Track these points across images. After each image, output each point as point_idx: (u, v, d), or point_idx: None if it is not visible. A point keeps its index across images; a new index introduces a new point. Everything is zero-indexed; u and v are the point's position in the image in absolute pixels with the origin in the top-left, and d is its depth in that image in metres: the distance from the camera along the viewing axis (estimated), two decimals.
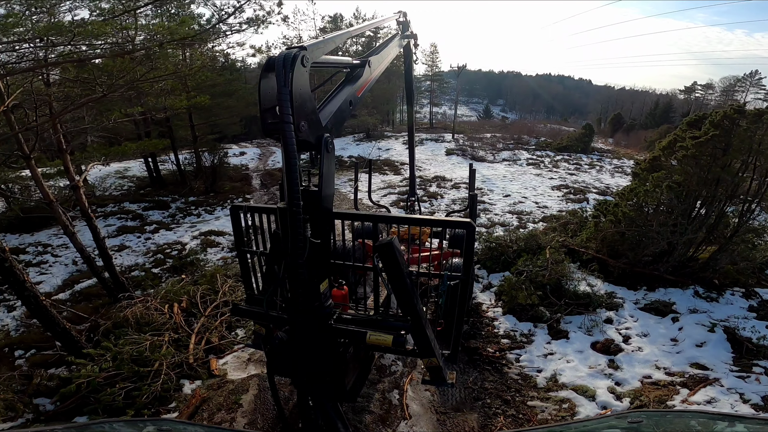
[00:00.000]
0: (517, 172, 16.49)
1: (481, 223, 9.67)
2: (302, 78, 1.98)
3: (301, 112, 1.99)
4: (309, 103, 2.09)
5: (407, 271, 2.28)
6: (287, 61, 1.90)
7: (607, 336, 5.38)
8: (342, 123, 2.70)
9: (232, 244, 9.48)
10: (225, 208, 12.75)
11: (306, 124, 2.05)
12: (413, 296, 2.31)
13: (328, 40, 2.38)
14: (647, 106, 68.23)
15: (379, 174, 17.67)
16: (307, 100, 2.05)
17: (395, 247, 2.15)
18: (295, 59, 1.92)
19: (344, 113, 2.62)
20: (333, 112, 2.47)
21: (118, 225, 11.90)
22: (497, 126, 41.29)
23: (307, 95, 2.06)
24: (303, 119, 2.02)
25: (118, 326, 5.54)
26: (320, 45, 2.26)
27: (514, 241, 7.20)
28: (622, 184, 14.90)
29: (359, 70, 2.85)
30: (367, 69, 2.90)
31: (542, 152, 21.53)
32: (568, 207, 11.00)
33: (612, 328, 5.53)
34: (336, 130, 2.52)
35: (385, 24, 4.77)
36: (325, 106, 2.53)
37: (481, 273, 7.18)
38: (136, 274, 8.63)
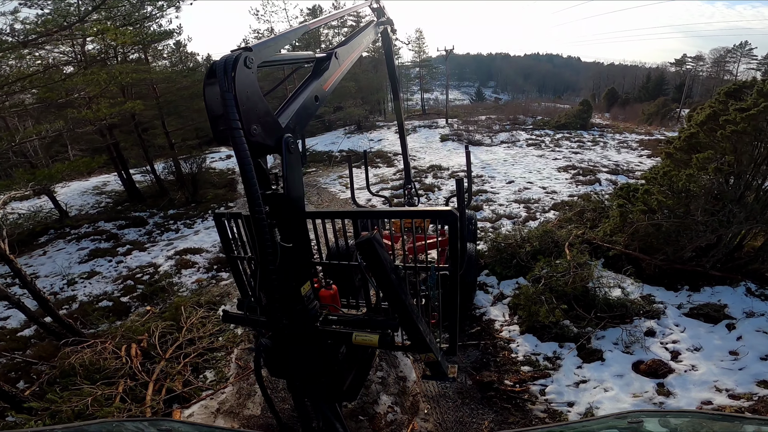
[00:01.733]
0: (518, 154, 15.31)
1: (485, 216, 8.65)
2: (247, 80, 1.89)
3: (251, 115, 1.92)
4: (260, 105, 1.99)
5: (392, 267, 2.21)
6: (228, 64, 1.82)
7: (652, 353, 4.43)
8: (308, 120, 2.51)
9: (208, 263, 8.54)
10: (206, 220, 11.76)
11: (259, 127, 1.97)
12: (400, 291, 2.23)
13: (279, 38, 2.30)
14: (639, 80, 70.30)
15: (371, 167, 16.63)
16: (256, 102, 1.96)
17: (375, 243, 2.07)
18: (236, 62, 1.83)
19: (309, 110, 2.46)
20: (296, 110, 2.32)
21: (91, 248, 11.03)
22: (491, 108, 40.04)
23: (256, 97, 1.95)
24: (255, 123, 1.94)
25: (65, 374, 4.82)
26: (269, 44, 2.16)
27: (525, 240, 6.22)
28: (631, 160, 13.86)
29: (326, 63, 2.67)
30: (334, 61, 2.72)
31: (541, 131, 20.42)
32: (579, 190, 9.93)
33: (656, 343, 4.57)
34: (301, 128, 2.38)
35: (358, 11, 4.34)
36: (288, 105, 2.38)
37: (490, 280, 6.20)
38: (104, 304, 7.78)
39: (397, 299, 2.26)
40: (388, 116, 37.06)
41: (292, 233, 2.20)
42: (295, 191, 2.21)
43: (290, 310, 2.32)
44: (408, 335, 2.50)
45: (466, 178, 5.55)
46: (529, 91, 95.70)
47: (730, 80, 56.56)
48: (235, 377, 4.91)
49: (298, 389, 2.58)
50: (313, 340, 2.44)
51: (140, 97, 14.75)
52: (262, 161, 2.23)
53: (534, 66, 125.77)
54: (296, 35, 2.75)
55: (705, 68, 60.35)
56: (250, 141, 1.91)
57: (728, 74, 58.20)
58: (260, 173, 2.17)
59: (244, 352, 5.41)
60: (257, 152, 2.09)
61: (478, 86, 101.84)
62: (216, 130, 2.04)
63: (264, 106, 2.03)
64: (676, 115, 32.81)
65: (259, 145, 2.00)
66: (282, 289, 2.21)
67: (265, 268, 2.06)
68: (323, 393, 2.55)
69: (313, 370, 2.48)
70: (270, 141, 2.06)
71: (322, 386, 2.52)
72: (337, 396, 2.62)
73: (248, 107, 1.90)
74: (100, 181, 19.80)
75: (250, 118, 1.91)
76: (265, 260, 2.03)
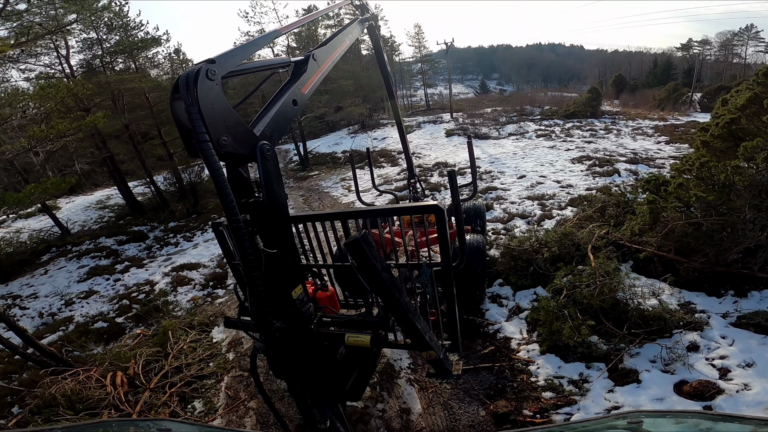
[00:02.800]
0: (527, 146, 14.59)
1: (496, 216, 8.04)
2: (211, 93, 1.88)
3: (219, 126, 1.91)
4: (229, 116, 1.97)
5: (383, 265, 2.19)
6: (190, 79, 1.82)
7: (697, 372, 3.83)
8: (286, 125, 2.51)
9: (204, 280, 8.12)
10: (205, 232, 11.37)
11: (229, 138, 1.96)
12: (393, 290, 2.21)
13: (246, 46, 2.29)
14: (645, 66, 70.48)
15: (375, 167, 16.10)
16: (224, 113, 1.94)
17: (364, 243, 2.05)
18: (197, 75, 1.83)
19: (287, 114, 2.46)
20: (272, 116, 2.33)
21: (91, 265, 10.79)
22: (496, 100, 39.25)
23: (223, 108, 1.94)
24: (224, 134, 1.94)
25: (48, 405, 4.60)
26: (235, 53, 2.12)
27: (543, 244, 5.64)
28: (649, 147, 13.12)
29: (304, 66, 2.64)
30: (312, 63, 2.70)
31: (550, 121, 19.69)
32: (597, 183, 9.25)
33: (700, 359, 3.97)
34: (280, 134, 2.38)
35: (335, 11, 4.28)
36: (266, 112, 2.38)
37: (505, 291, 5.65)
38: (99, 325, 7.44)
39: (391, 298, 2.22)
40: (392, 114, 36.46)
41: (275, 239, 2.19)
42: (274, 197, 2.18)
43: (282, 313, 2.33)
44: (406, 334, 2.48)
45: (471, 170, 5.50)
46: (534, 82, 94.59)
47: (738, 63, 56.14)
48: (224, 408, 4.48)
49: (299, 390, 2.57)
50: (309, 341, 2.44)
51: (135, 108, 14.48)
52: (243, 170, 2.22)
53: (537, 56, 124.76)
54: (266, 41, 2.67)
55: (712, 52, 60.34)
56: (221, 152, 1.92)
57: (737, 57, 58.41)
58: (241, 182, 2.19)
59: (235, 380, 4.95)
60: (233, 162, 2.13)
61: (482, 79, 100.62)
62: (187, 144, 2.05)
63: (233, 117, 1.99)
64: (688, 99, 31.79)
65: (232, 155, 2.01)
66: (270, 293, 2.20)
67: (249, 274, 2.04)
68: (325, 393, 2.53)
69: (312, 371, 2.47)
70: (244, 150, 2.04)
71: (323, 386, 2.51)
72: (340, 396, 2.62)
73: (215, 119, 1.88)
74: (104, 195, 19.62)
75: (219, 129, 1.90)
76: (248, 267, 2.02)
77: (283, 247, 2.25)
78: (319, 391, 2.53)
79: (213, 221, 3.14)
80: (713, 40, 60.60)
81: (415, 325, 2.34)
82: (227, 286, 7.80)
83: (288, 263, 2.32)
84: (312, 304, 2.60)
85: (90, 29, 12.84)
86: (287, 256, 2.30)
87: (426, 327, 2.48)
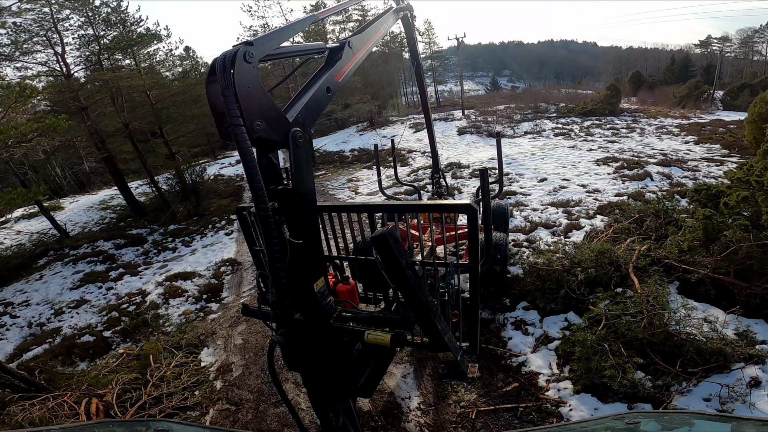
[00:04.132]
0: (546, 146, 13.74)
1: (517, 226, 7.31)
2: (248, 76, 1.83)
3: (253, 111, 1.86)
4: (263, 101, 1.92)
5: (408, 263, 2.12)
6: (227, 60, 1.78)
7: (759, 410, 3.20)
8: (319, 112, 2.39)
9: (198, 291, 7.56)
10: (205, 236, 10.82)
11: (263, 123, 1.91)
12: (416, 288, 2.14)
13: (283, 30, 2.19)
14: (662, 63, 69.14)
15: (383, 167, 15.44)
16: (259, 97, 1.89)
17: (391, 238, 1.99)
18: (235, 57, 1.78)
19: (321, 102, 2.37)
20: (305, 103, 2.24)
21: (87, 270, 10.31)
22: (508, 97, 38.22)
23: (259, 92, 1.89)
24: (258, 118, 1.89)
25: None
26: (271, 37, 2.05)
27: (576, 262, 4.93)
28: (677, 148, 12.24)
29: (339, 53, 2.56)
30: (348, 51, 2.62)
31: (567, 119, 18.81)
32: (628, 188, 8.45)
33: (763, 396, 3.30)
34: (312, 121, 2.30)
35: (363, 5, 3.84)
36: (298, 98, 2.31)
37: (530, 316, 4.96)
38: (86, 339, 6.92)
39: (414, 296, 2.17)
40: (402, 111, 35.82)
41: (302, 229, 2.13)
42: (303, 186, 2.12)
43: (303, 306, 2.30)
44: (425, 333, 2.45)
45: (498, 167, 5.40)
46: (546, 79, 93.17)
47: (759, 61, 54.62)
48: None
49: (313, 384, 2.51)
50: (327, 336, 2.39)
51: (137, 106, 14.01)
52: (273, 156, 2.14)
53: (549, 53, 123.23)
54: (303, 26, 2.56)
55: (732, 49, 59.56)
56: (254, 137, 1.88)
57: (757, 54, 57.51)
58: (271, 168, 2.11)
59: (221, 415, 4.36)
60: (264, 148, 2.05)
61: (493, 75, 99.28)
62: (220, 128, 2.02)
63: (268, 101, 1.95)
64: (709, 97, 30.64)
65: (264, 140, 1.97)
66: (293, 285, 2.16)
67: (273, 265, 1.99)
68: (337, 388, 2.47)
69: (328, 366, 2.42)
70: (276, 136, 2.01)
71: (336, 382, 2.46)
72: (352, 392, 2.59)
73: (250, 103, 1.84)
74: (108, 195, 19.27)
75: (253, 113, 1.87)
76: (272, 257, 1.96)
77: (308, 238, 2.18)
78: (332, 386, 2.46)
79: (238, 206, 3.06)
80: (733, 36, 59.86)
81: (436, 325, 2.29)
82: (222, 299, 7.23)
83: (312, 254, 2.26)
84: (332, 297, 2.56)
85: (87, 25, 12.35)
86: (312, 247, 2.24)
87: (446, 328, 2.44)
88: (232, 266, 8.39)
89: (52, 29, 11.83)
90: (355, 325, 2.47)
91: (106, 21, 12.58)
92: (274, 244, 1.93)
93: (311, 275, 2.25)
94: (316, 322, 2.33)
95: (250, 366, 5.31)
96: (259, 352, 5.48)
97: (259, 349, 5.55)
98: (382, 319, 2.47)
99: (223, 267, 8.39)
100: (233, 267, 8.34)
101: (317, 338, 2.36)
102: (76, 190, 29.62)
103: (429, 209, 2.92)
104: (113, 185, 21.33)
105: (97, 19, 12.36)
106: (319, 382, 2.46)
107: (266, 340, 5.71)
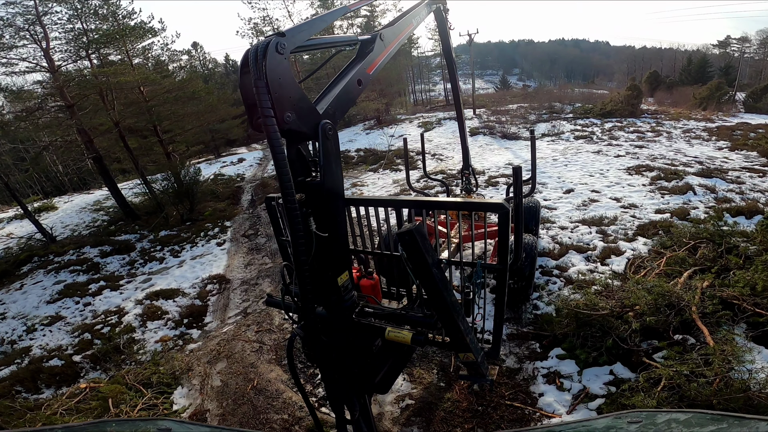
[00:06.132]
0: (567, 150, 12.56)
1: (545, 248, 6.31)
2: (279, 67, 1.82)
3: (284, 102, 1.86)
4: (294, 92, 1.92)
5: (435, 260, 2.09)
6: (259, 51, 1.78)
7: None
8: (349, 105, 2.40)
9: (180, 314, 6.70)
10: (196, 246, 9.96)
11: (293, 115, 1.92)
12: (442, 287, 2.11)
13: (315, 21, 2.17)
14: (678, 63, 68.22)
15: (390, 170, 14.52)
16: (290, 89, 1.89)
17: (418, 235, 1.96)
18: (267, 48, 1.78)
19: (351, 94, 2.38)
20: (336, 95, 2.23)
21: (68, 281, 9.54)
22: (520, 95, 37.06)
23: (290, 84, 1.88)
24: (288, 110, 1.89)
25: None
26: (303, 27, 2.06)
27: (627, 305, 3.97)
28: (712, 155, 11.14)
29: (371, 45, 2.56)
30: (379, 43, 2.62)
31: (585, 120, 17.71)
32: (668, 203, 7.38)
33: None
34: (342, 113, 2.29)
35: None
36: (329, 90, 2.29)
37: (566, 368, 4.04)
38: (54, 362, 6.21)
39: (439, 295, 2.14)
40: (410, 108, 34.85)
41: (328, 222, 2.12)
42: (332, 179, 2.10)
43: (326, 299, 2.32)
44: (447, 333, 2.40)
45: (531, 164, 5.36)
46: (556, 77, 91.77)
47: None
48: None
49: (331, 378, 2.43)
50: (349, 330, 2.39)
51: (131, 104, 13.21)
52: (302, 148, 2.13)
53: (560, 51, 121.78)
54: (334, 17, 2.51)
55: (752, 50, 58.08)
56: (284, 128, 1.88)
57: None
58: (300, 160, 2.10)
59: None
60: (294, 139, 2.05)
61: (503, 74, 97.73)
62: (251, 118, 2.02)
63: (298, 93, 1.93)
64: (730, 98, 29.41)
65: (294, 132, 1.96)
66: (317, 278, 2.15)
67: (298, 257, 1.94)
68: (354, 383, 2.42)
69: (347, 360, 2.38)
70: (306, 128, 2.00)
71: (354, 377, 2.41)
72: (368, 387, 2.55)
73: (281, 94, 1.83)
74: (103, 195, 18.53)
75: (284, 105, 1.86)
76: (298, 249, 1.93)
77: (335, 231, 2.16)
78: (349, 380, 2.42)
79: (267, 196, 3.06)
80: (753, 37, 58.02)
81: (459, 325, 2.24)
82: (204, 325, 6.37)
83: (338, 248, 2.23)
84: (356, 291, 2.55)
85: (75, 19, 11.53)
86: (338, 241, 2.22)
87: (468, 328, 2.41)
88: (219, 284, 7.51)
89: (36, 23, 11.03)
90: (376, 321, 2.45)
91: (96, 14, 11.74)
92: (299, 236, 1.90)
93: (336, 269, 2.24)
94: (338, 316, 2.34)
95: (228, 417, 4.45)
96: (239, 400, 4.61)
97: (239, 396, 4.67)
98: (404, 317, 2.45)
99: (210, 285, 7.51)
100: (221, 286, 7.46)
101: (338, 332, 2.35)
102: (79, 187, 29.11)
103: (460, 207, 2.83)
104: None
105: (86, 11, 11.53)
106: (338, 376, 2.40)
107: (247, 385, 4.84)
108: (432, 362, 4.61)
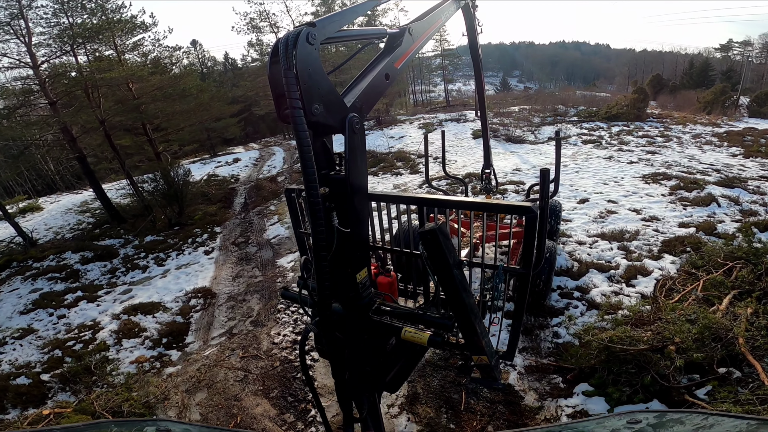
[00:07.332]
0: (577, 155, 11.97)
1: (562, 266, 5.70)
2: (309, 57, 1.78)
3: (313, 94, 1.82)
4: (323, 84, 1.87)
5: (456, 261, 2.04)
6: (289, 41, 1.74)
7: None
8: (376, 99, 2.36)
9: (159, 332, 6.10)
10: (182, 254, 9.35)
11: (321, 107, 1.87)
12: (461, 289, 2.07)
13: (346, 12, 2.15)
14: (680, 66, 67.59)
15: (389, 174, 13.93)
16: (319, 80, 1.85)
17: (440, 234, 1.92)
18: (297, 38, 1.74)
19: (379, 88, 2.33)
20: (363, 89, 2.18)
21: (44, 290, 8.92)
22: (521, 98, 36.46)
23: (319, 75, 1.84)
24: (317, 102, 1.84)
25: None
26: (334, 18, 2.03)
27: (668, 337, 3.43)
28: (728, 162, 10.61)
29: (399, 39, 2.50)
30: (408, 38, 2.55)
31: (591, 124, 17.19)
32: (691, 216, 6.82)
33: None
34: (369, 108, 2.24)
35: None
36: (356, 84, 2.25)
37: (594, 405, 3.51)
38: (21, 381, 5.67)
39: (458, 297, 2.09)
40: (409, 109, 34.34)
41: (351, 217, 2.11)
42: (356, 174, 2.08)
43: (343, 296, 2.31)
44: (464, 335, 2.32)
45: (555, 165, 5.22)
46: (557, 80, 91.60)
47: None
48: None
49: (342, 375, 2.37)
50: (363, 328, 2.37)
51: (120, 101, 12.59)
52: (327, 141, 2.11)
53: (561, 54, 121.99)
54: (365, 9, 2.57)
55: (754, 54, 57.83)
56: (311, 120, 1.83)
57: None
58: (325, 153, 2.09)
59: None
60: (320, 132, 2.03)
61: (503, 76, 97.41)
62: (279, 110, 1.95)
63: (327, 85, 1.90)
64: (734, 103, 29.06)
65: (320, 124, 1.93)
66: (335, 274, 2.10)
67: (318, 252, 1.90)
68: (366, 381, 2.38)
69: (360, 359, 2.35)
70: (333, 121, 1.97)
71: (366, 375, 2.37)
72: (379, 386, 2.53)
73: (310, 85, 1.80)
74: (92, 196, 17.86)
75: (312, 96, 1.82)
76: (318, 243, 1.88)
77: (357, 227, 2.14)
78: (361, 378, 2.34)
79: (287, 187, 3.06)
80: (755, 41, 58.13)
81: (476, 328, 2.19)
82: (185, 345, 5.77)
83: (359, 243, 2.20)
84: (373, 288, 2.51)
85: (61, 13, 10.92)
86: (359, 236, 2.20)
87: (485, 331, 2.34)
88: (204, 299, 6.90)
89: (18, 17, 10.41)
90: (393, 320, 2.41)
91: (83, 8, 11.13)
92: (320, 231, 1.84)
93: (355, 265, 2.21)
94: (355, 313, 2.33)
95: None
96: None
97: None
98: (421, 317, 2.41)
99: (194, 299, 6.90)
100: (206, 301, 6.86)
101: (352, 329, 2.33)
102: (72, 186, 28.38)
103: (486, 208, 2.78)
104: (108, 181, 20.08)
105: (73, 5, 10.91)
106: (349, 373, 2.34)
107: (230, 421, 4.25)
108: (440, 398, 4.06)
